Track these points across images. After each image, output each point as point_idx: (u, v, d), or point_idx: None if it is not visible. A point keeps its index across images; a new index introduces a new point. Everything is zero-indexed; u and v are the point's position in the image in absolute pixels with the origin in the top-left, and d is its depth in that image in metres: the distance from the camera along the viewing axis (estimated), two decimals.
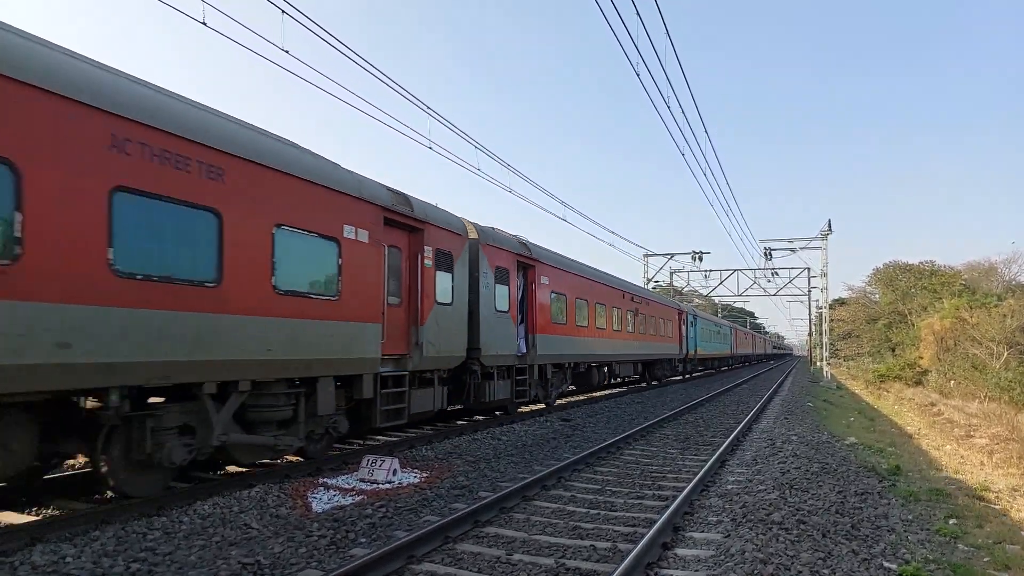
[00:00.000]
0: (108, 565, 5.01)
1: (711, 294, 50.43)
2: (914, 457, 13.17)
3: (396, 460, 8.42)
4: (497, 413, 14.92)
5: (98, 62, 6.28)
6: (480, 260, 12.95)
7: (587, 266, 20.54)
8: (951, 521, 7.69)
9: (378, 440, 11.32)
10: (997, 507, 8.98)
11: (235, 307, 7.10)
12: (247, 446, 7.76)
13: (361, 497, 7.39)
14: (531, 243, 15.93)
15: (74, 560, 5.05)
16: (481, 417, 14.41)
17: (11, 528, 5.62)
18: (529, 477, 8.14)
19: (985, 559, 6.38)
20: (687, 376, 37.38)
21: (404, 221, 10.29)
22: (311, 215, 8.24)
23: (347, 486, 7.88)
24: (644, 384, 29.17)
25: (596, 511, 7.08)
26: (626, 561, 5.00)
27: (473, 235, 12.94)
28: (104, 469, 6.47)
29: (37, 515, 6.48)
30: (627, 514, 6.97)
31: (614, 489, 8.19)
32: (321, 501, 7.20)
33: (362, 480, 8.15)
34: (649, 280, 45.66)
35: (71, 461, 8.24)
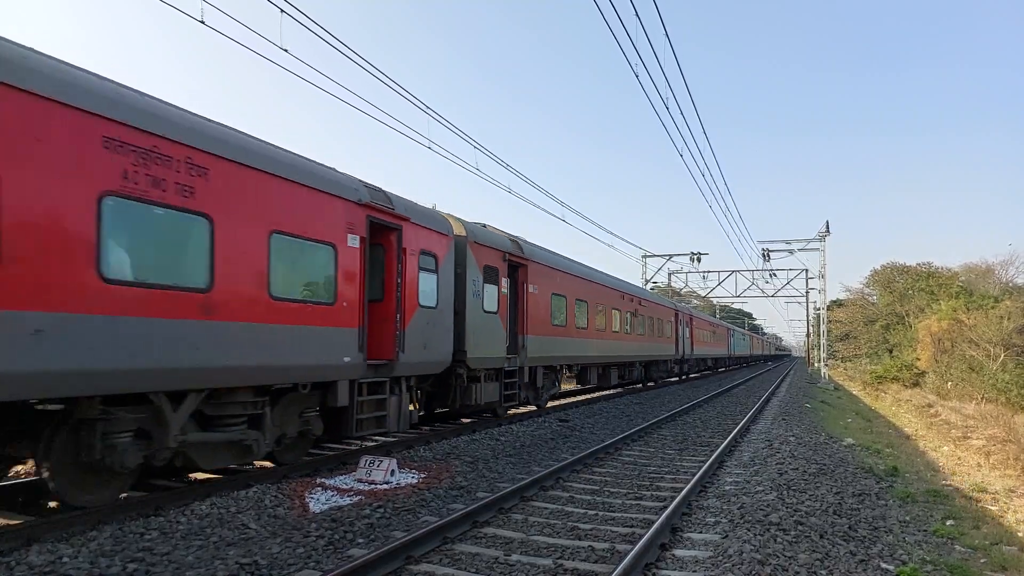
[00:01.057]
0: (105, 565, 5.00)
1: (709, 295, 50.49)
2: (911, 458, 13.20)
3: (394, 460, 8.41)
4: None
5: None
6: (682, 320, 32.95)
7: (698, 310, 46.01)
8: (948, 522, 7.71)
9: (376, 440, 11.31)
10: (994, 508, 9.01)
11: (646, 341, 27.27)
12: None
13: (359, 497, 7.38)
14: (687, 306, 38.53)
15: (71, 560, 5.04)
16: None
17: (7, 528, 5.60)
18: (527, 478, 8.14)
19: (982, 560, 6.40)
20: (728, 367, 56.97)
21: (678, 311, 31.92)
22: (661, 314, 29.04)
23: (345, 486, 7.87)
24: (711, 372, 47.51)
25: (594, 512, 7.08)
26: (624, 562, 5.00)
27: (681, 312, 33.48)
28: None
29: (33, 515, 6.46)
30: (625, 515, 6.97)
31: (612, 490, 8.19)
32: (319, 501, 7.19)
33: (360, 480, 8.14)
34: (647, 281, 45.69)
35: None
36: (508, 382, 13.92)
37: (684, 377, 35.95)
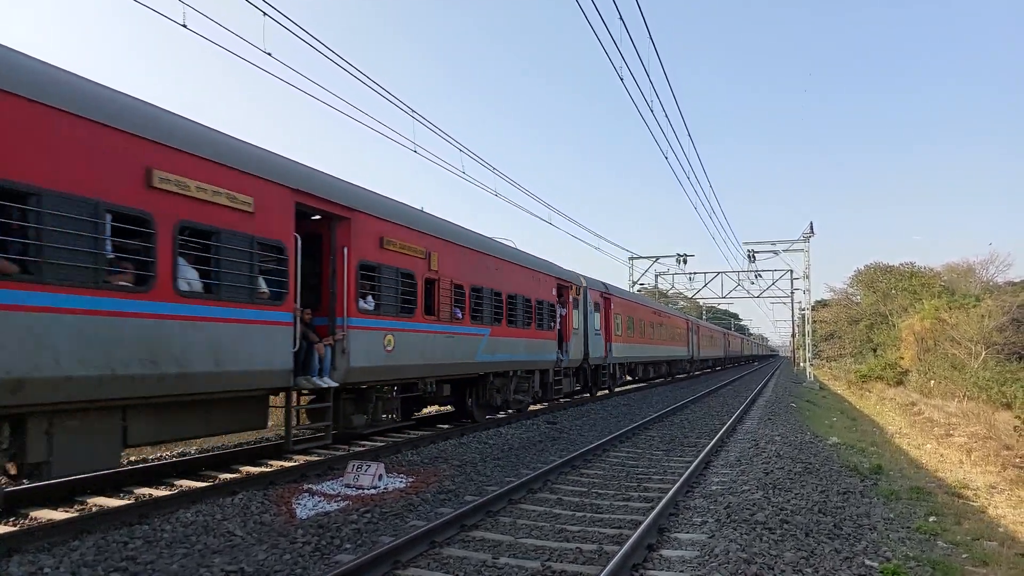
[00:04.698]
0: (87, 575, 4.94)
1: (695, 296, 50.77)
2: (895, 456, 13.36)
3: (382, 465, 8.38)
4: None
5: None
6: (692, 328, 41.01)
7: (702, 319, 56.07)
8: (931, 519, 7.81)
9: (364, 445, 11.26)
10: (975, 504, 9.14)
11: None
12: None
13: (346, 503, 7.35)
14: (696, 318, 47.70)
15: (52, 571, 4.97)
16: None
17: None
18: (515, 480, 8.15)
19: (964, 555, 6.49)
20: (724, 366, 64.17)
21: (689, 321, 41.01)
22: (680, 324, 37.60)
23: (332, 492, 7.83)
24: (709, 370, 52.67)
25: (582, 513, 7.10)
26: (612, 563, 5.02)
27: (692, 322, 41.92)
28: None
29: (14, 525, 6.37)
30: (613, 516, 7.00)
31: (600, 491, 8.21)
32: (306, 507, 7.14)
33: (347, 486, 8.09)
34: (635, 283, 45.85)
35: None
36: (602, 374, 22.45)
37: (691, 373, 42.25)
